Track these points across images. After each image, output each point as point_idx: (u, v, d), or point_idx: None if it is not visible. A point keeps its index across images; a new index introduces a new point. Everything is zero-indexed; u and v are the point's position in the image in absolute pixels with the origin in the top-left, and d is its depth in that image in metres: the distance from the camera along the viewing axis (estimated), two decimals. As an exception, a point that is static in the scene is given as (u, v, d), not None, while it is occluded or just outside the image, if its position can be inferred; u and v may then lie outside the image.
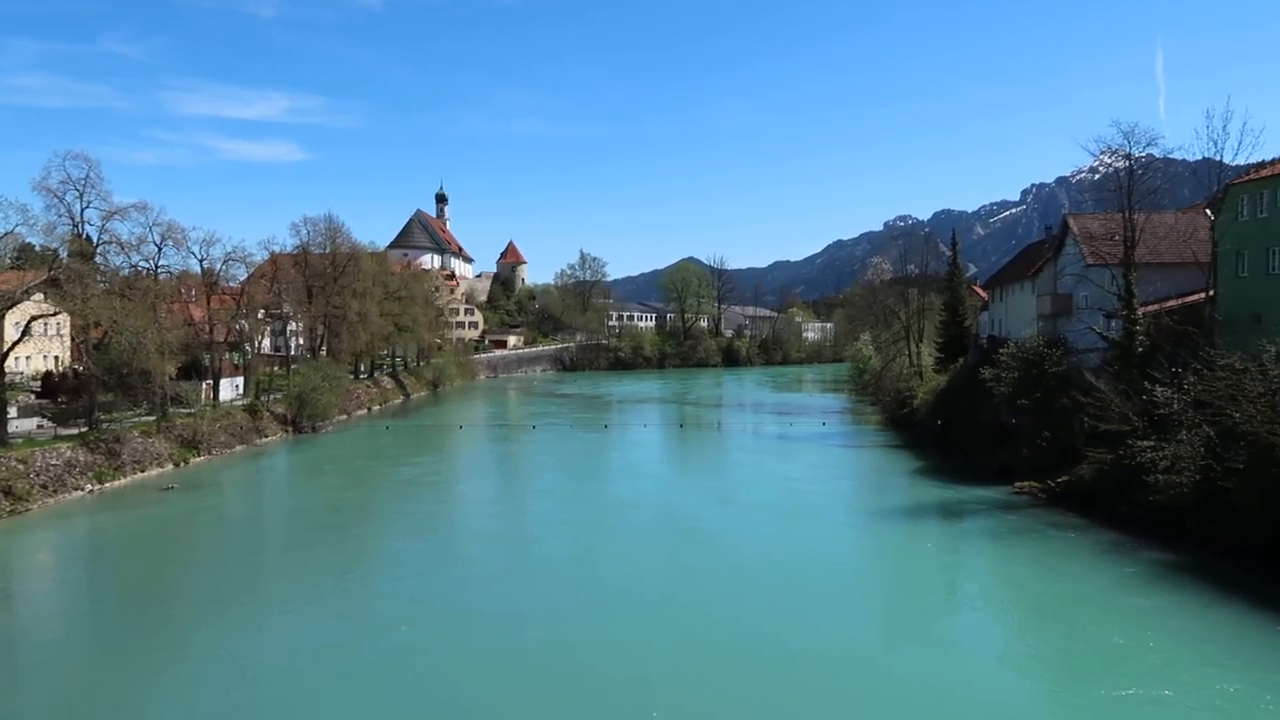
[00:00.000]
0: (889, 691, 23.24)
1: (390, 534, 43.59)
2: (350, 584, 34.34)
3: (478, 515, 48.65)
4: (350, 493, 53.40)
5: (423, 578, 34.67)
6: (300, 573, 36.08)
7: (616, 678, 24.33)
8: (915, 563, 37.10)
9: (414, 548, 40.03)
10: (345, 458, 66.60)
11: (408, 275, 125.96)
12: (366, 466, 63.07)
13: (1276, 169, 45.33)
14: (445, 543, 41.63)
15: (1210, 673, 23.53)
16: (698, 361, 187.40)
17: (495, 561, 37.24)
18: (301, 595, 32.76)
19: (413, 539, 41.89)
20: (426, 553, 39.06)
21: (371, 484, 56.64)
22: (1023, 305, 67.88)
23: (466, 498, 54.35)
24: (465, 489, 57.53)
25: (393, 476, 58.57)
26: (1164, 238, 52.16)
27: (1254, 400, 35.06)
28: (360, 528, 44.74)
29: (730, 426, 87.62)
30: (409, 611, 30.07)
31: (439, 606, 31.03)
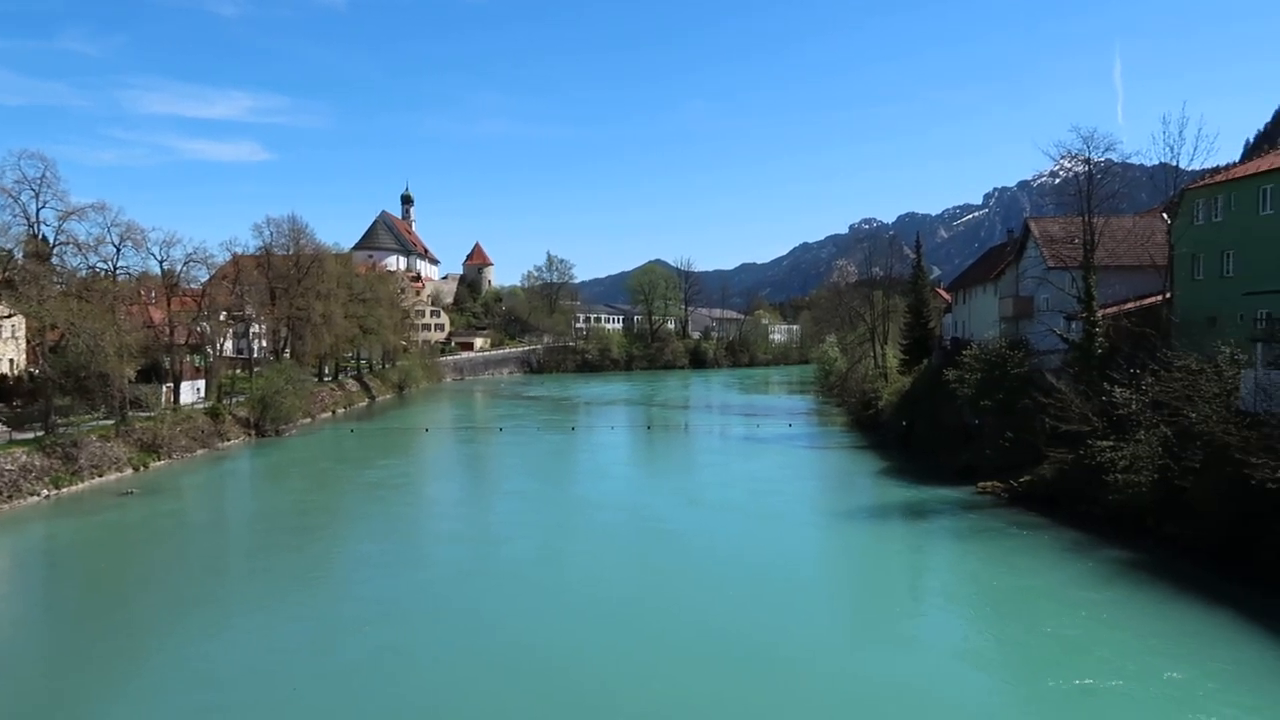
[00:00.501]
0: (853, 688, 23.54)
1: (356, 536, 43.25)
2: (316, 586, 34.05)
3: (444, 517, 48.37)
4: (315, 496, 52.85)
5: (389, 580, 34.44)
6: (265, 576, 35.64)
7: (583, 678, 24.34)
8: (880, 562, 37.48)
9: (380, 550, 39.73)
10: (309, 461, 65.90)
11: (373, 277, 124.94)
12: (331, 469, 62.47)
13: (1230, 175, 46.34)
14: (411, 545, 41.36)
15: (1157, 663, 24.25)
16: (665, 363, 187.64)
17: (462, 563, 37.21)
18: (266, 598, 32.39)
19: (379, 541, 41.60)
20: (393, 555, 38.81)
21: (336, 487, 56.11)
22: (985, 307, 68.77)
23: (433, 500, 53.99)
24: (431, 491, 57.15)
25: (358, 479, 58.08)
26: (1122, 241, 53.12)
27: (1209, 401, 35.82)
28: (325, 530, 44.30)
29: (697, 428, 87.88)
30: (375, 613, 29.91)
31: (405, 608, 30.86)
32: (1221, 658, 24.49)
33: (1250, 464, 31.04)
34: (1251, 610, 27.64)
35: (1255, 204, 42.13)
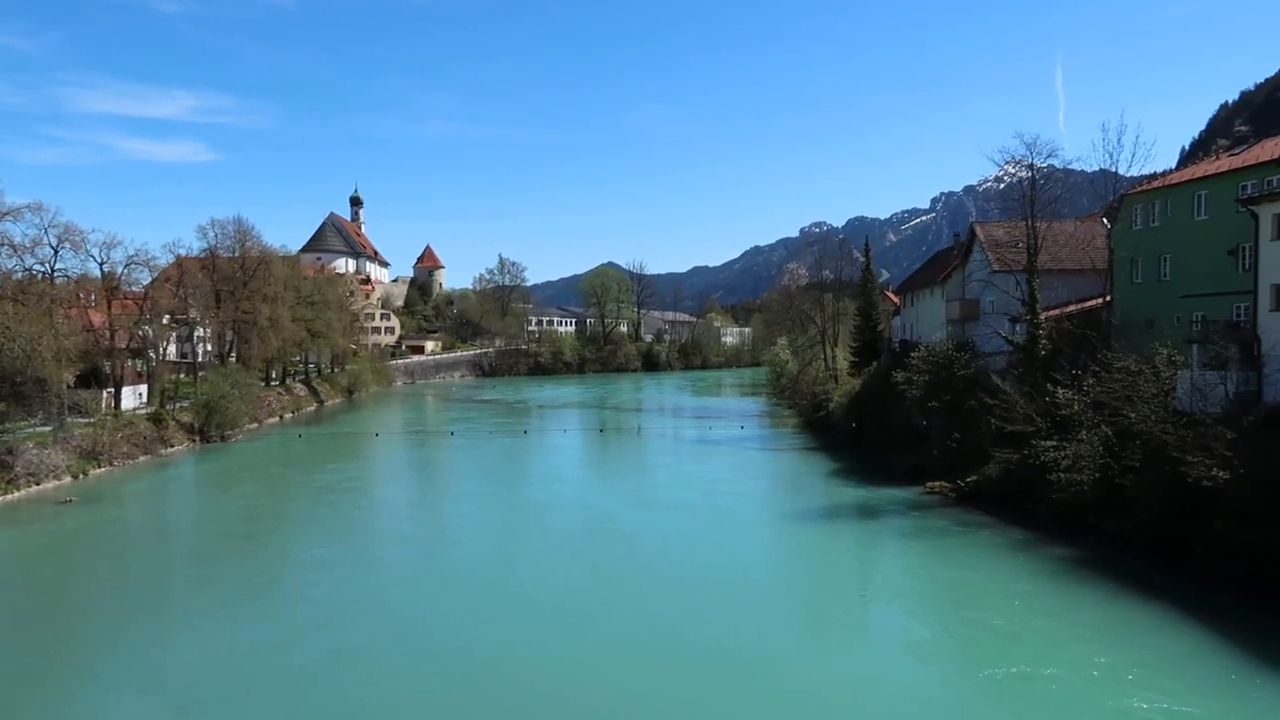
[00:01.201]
0: (803, 682, 23.95)
1: (307, 540, 42.76)
2: (267, 590, 33.77)
3: (396, 520, 48.05)
4: (263, 501, 51.99)
5: (342, 582, 34.24)
6: (214, 581, 34.99)
7: (534, 679, 24.37)
8: (830, 561, 37.97)
9: (331, 553, 39.36)
10: (257, 466, 64.77)
11: (321, 279, 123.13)
12: (279, 474, 61.46)
13: (1167, 181, 47.67)
14: (363, 548, 41.05)
15: (1089, 651, 25.20)
16: (618, 366, 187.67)
17: (414, 565, 37.10)
18: (216, 603, 31.90)
19: (330, 545, 41.18)
20: (344, 558, 38.50)
21: (285, 492, 55.23)
22: (933, 310, 69.89)
23: (384, 503, 53.47)
24: (383, 495, 56.54)
25: (307, 484, 57.23)
26: (1064, 245, 54.32)
27: (1147, 401, 36.80)
28: (275, 535, 43.74)
29: (650, 430, 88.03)
30: (328, 615, 29.83)
31: (358, 610, 30.73)
32: (1150, 646, 25.52)
33: (1186, 462, 31.95)
34: (1185, 603, 28.47)
35: (1190, 209, 43.39)
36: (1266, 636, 25.57)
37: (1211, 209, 42.13)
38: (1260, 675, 23.10)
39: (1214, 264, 41.15)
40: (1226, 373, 35.76)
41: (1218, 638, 25.72)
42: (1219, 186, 41.86)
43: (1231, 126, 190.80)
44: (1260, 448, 30.83)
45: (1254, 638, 25.46)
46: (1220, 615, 27.29)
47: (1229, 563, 30.47)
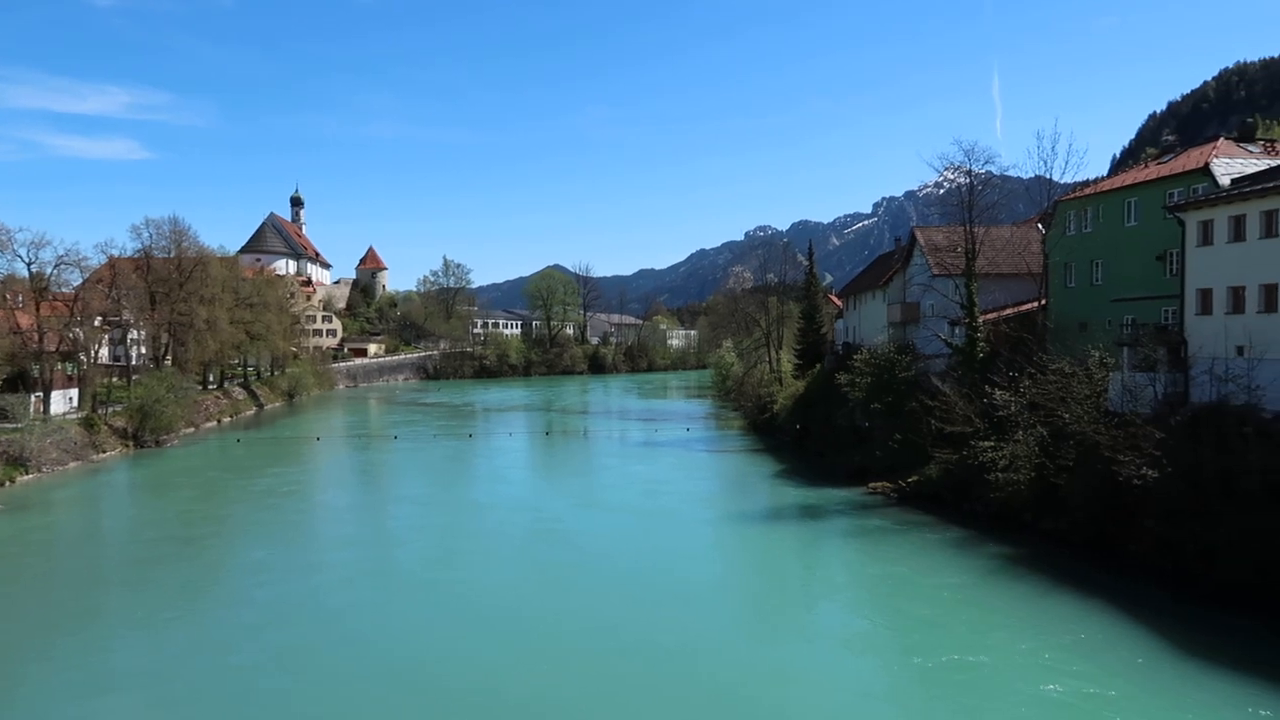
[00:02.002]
0: (743, 676, 24.71)
1: (247, 544, 42.22)
2: (208, 593, 33.49)
3: (337, 522, 47.67)
4: (201, 506, 50.90)
5: (281, 585, 34.05)
6: (152, 586, 34.37)
7: (474, 676, 24.63)
8: (773, 560, 38.51)
9: (273, 556, 39.06)
10: (194, 471, 63.29)
11: (260, 281, 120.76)
12: (218, 479, 60.12)
13: (1099, 188, 49.04)
14: (305, 550, 40.79)
15: (1011, 640, 26.81)
16: (564, 369, 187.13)
17: (355, 566, 37.08)
18: (155, 607, 31.48)
19: (271, 548, 40.77)
20: (286, 561, 38.30)
21: (224, 496, 54.08)
22: (875, 313, 70.96)
23: (325, 506, 52.92)
24: (324, 498, 55.84)
25: (247, 488, 56.08)
26: (1001, 250, 55.59)
27: (1081, 402, 37.81)
28: (215, 539, 43.08)
29: (596, 433, 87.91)
30: (270, 617, 29.80)
31: (297, 612, 30.70)
32: (1071, 635, 26.70)
33: (1118, 461, 32.91)
34: (1113, 596, 29.46)
35: (1121, 216, 44.71)
36: (1187, 625, 26.64)
37: (1141, 216, 43.45)
38: (1173, 660, 24.42)
39: (1144, 269, 42.45)
40: (1155, 374, 36.91)
41: (1138, 627, 26.81)
42: (1148, 194, 43.20)
43: (1160, 135, 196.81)
44: (1187, 447, 31.87)
45: (1174, 626, 26.55)
46: (1145, 607, 28.28)
47: (1158, 558, 31.47)
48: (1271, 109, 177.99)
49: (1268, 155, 42.34)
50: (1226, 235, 35.87)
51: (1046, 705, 22.15)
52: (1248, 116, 78.93)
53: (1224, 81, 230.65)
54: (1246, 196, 34.98)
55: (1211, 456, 30.90)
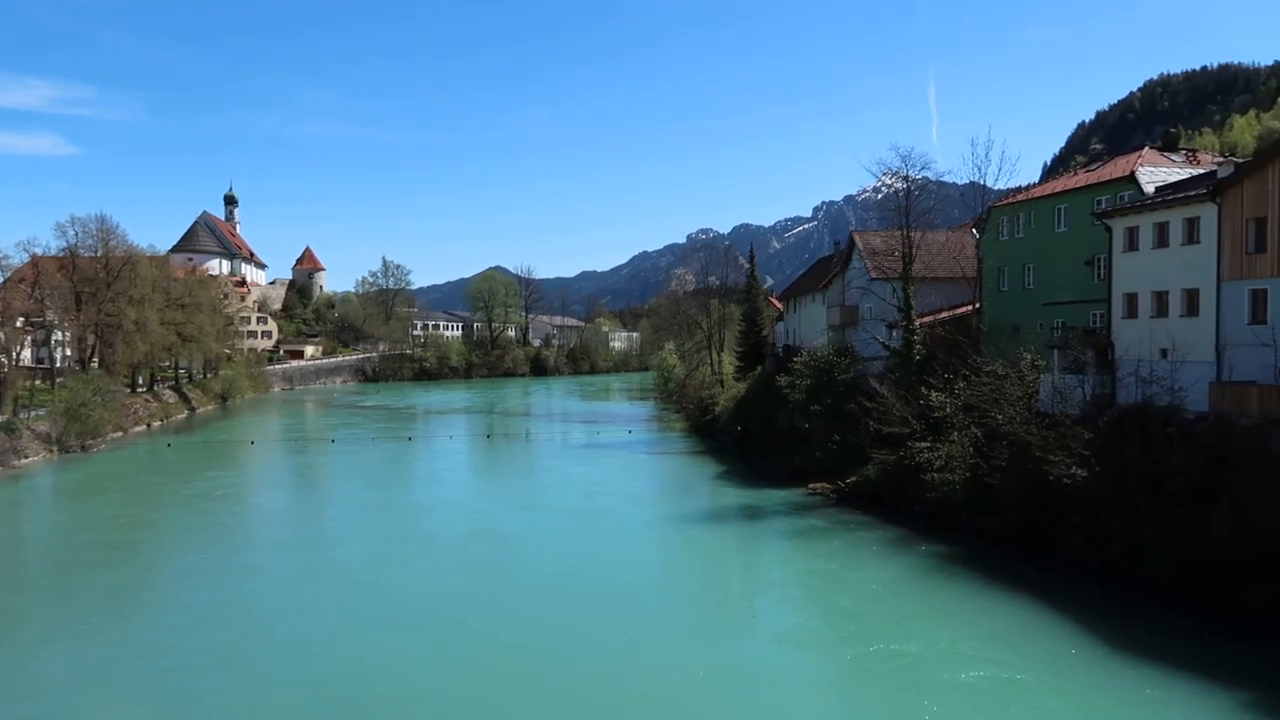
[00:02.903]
0: (681, 672, 25.15)
1: (180, 548, 41.43)
2: (140, 597, 33.13)
3: (272, 525, 47.11)
4: (131, 510, 49.58)
5: (214, 588, 33.69)
6: (82, 591, 33.59)
7: (406, 675, 24.64)
8: (712, 560, 38.89)
9: (206, 560, 38.56)
10: (123, 475, 61.53)
11: (192, 281, 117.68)
12: (148, 483, 58.60)
13: (1030, 194, 50.29)
14: (239, 553, 40.34)
15: (940, 632, 27.66)
16: (505, 371, 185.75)
17: (289, 568, 36.92)
18: (79, 612, 30.92)
19: (202, 552, 40.16)
20: (220, 564, 37.83)
21: (155, 501, 52.72)
22: (814, 316, 71.79)
23: (260, 509, 52.14)
24: (259, 501, 54.96)
25: (179, 492, 54.70)
26: (937, 254, 56.66)
27: (1013, 403, 38.68)
28: (144, 544, 42.16)
29: (538, 436, 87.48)
30: (198, 620, 29.51)
31: (230, 615, 30.49)
32: (998, 627, 27.85)
33: (1049, 461, 33.74)
34: (1041, 592, 30.28)
35: (1052, 222, 45.89)
36: (1111, 619, 27.51)
37: (1070, 222, 44.65)
38: (1093, 650, 25.42)
39: (1073, 274, 43.61)
40: (1084, 376, 37.96)
41: (1063, 621, 27.73)
42: (1077, 201, 44.41)
43: (1089, 144, 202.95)
44: (1113, 447, 32.81)
45: (1098, 620, 27.44)
46: (1072, 602, 29.13)
47: (1086, 555, 32.35)
48: (1193, 119, 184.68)
49: (1189, 164, 43.84)
50: (1151, 241, 37.03)
51: (965, 691, 23.21)
52: (1171, 126, 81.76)
53: (1149, 92, 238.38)
54: (1170, 204, 36.16)
55: (1136, 456, 31.85)
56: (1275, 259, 31.93)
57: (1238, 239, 33.24)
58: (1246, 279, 32.90)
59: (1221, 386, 32.58)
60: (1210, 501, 29.27)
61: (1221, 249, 33.77)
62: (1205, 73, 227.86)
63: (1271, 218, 32.13)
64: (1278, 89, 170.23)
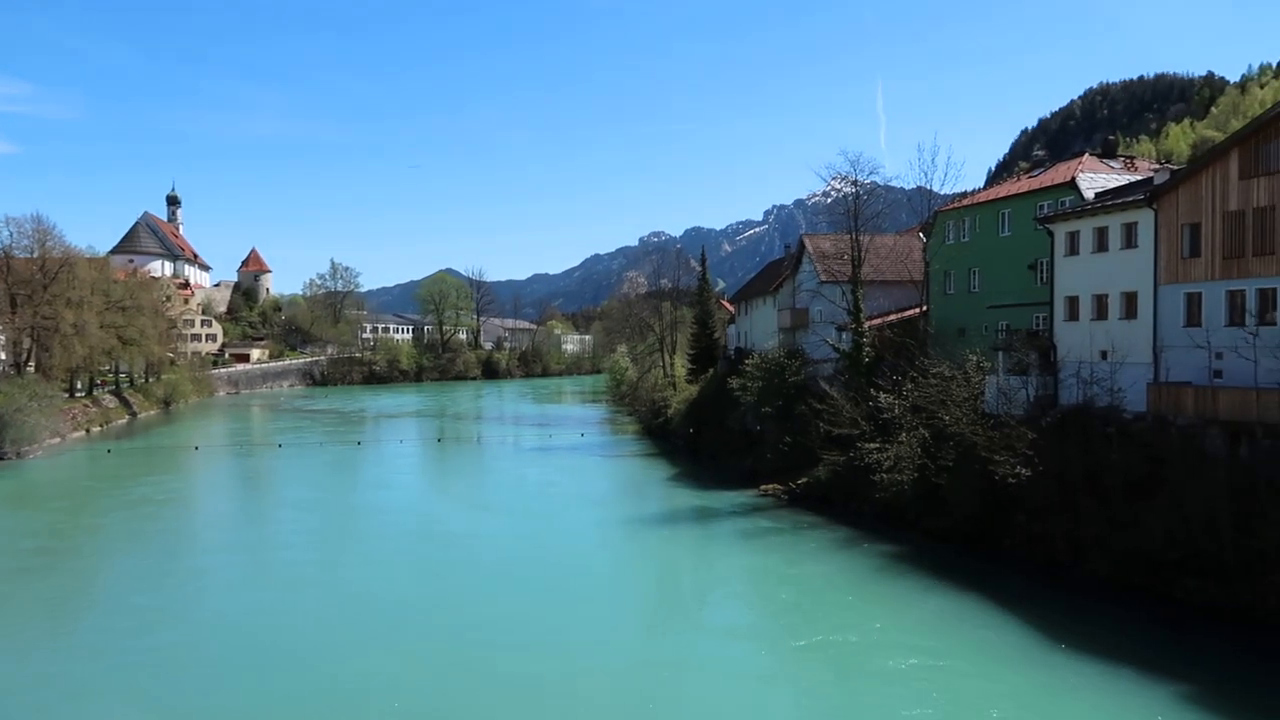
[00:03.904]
0: (630, 666, 25.89)
1: (122, 553, 40.97)
2: (78, 602, 32.84)
3: (217, 528, 46.79)
4: (71, 517, 48.59)
5: (159, 591, 33.54)
6: (15, 598, 33.10)
7: (353, 676, 24.89)
8: (666, 560, 39.19)
9: (149, 564, 38.17)
10: (61, 482, 59.96)
11: (134, 283, 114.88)
12: (89, 489, 57.28)
13: (975, 199, 51.24)
14: (182, 557, 40.11)
15: (882, 626, 28.69)
16: (456, 374, 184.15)
17: (235, 571, 36.83)
18: (18, 616, 30.59)
19: (147, 556, 39.81)
20: (162, 567, 37.54)
21: (95, 507, 51.57)
22: (765, 319, 72.30)
23: (204, 513, 51.60)
24: (203, 505, 54.33)
25: (121, 498, 53.48)
26: (885, 258, 57.40)
27: (959, 404, 39.34)
28: (87, 549, 41.79)
29: (490, 439, 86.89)
30: (143, 623, 29.40)
31: (175, 616, 30.44)
32: (939, 620, 28.78)
33: (994, 461, 34.40)
34: (985, 588, 31.03)
35: (996, 226, 46.79)
36: (1051, 612, 28.40)
37: (1014, 226, 45.57)
38: (1030, 640, 26.48)
39: (1017, 277, 44.51)
40: (1027, 378, 38.75)
41: (1000, 613, 28.66)
42: (1020, 206, 45.35)
43: (1031, 150, 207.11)
44: (1056, 447, 33.57)
45: (1038, 613, 28.31)
46: (1014, 597, 29.92)
47: (1030, 552, 33.04)
48: (1131, 127, 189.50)
49: (1127, 171, 45.03)
50: (1091, 246, 37.95)
51: (897, 676, 24.33)
52: (1110, 134, 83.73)
53: (1089, 101, 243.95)
54: (1109, 209, 37.10)
55: (1077, 456, 32.63)
56: (1209, 263, 32.95)
57: (1173, 244, 34.23)
58: (1182, 283, 33.89)
59: (1159, 387, 33.49)
60: (1147, 499, 30.10)
61: (1158, 253, 34.73)
62: (1142, 82, 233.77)
63: (1205, 223, 33.15)
64: (1211, 99, 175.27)
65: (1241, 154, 32.28)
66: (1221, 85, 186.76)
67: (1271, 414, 28.59)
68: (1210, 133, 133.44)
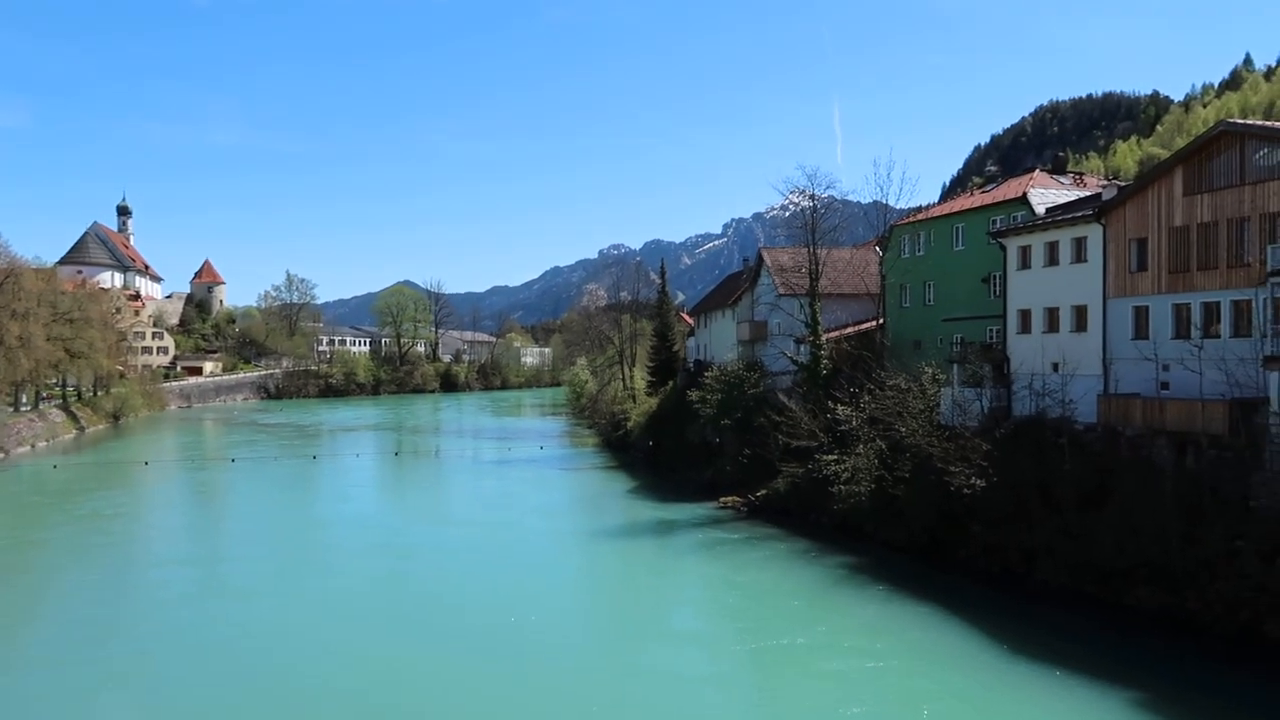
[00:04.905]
0: (593, 672, 26.45)
1: (70, 567, 40.12)
2: (25, 616, 32.54)
3: (168, 542, 46.49)
4: (16, 532, 47.50)
5: (109, 604, 33.37)
6: None
7: (306, 684, 25.02)
8: (622, 571, 39.41)
9: (98, 578, 37.70)
10: (6, 497, 58.67)
11: (82, 295, 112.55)
12: (35, 504, 56.20)
13: (929, 214, 52.00)
14: (132, 571, 39.86)
15: (830, 631, 29.50)
16: (415, 387, 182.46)
17: (186, 584, 36.60)
18: None
19: (96, 570, 39.18)
20: (112, 581, 37.30)
21: (43, 522, 50.45)
22: (725, 331, 72.59)
23: (155, 527, 50.98)
24: (153, 520, 53.42)
25: (69, 513, 52.37)
26: (842, 271, 58.00)
27: (915, 416, 39.81)
28: (34, 564, 41.22)
29: (448, 453, 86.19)
30: (92, 635, 29.21)
31: (126, 629, 30.26)
32: (880, 624, 29.61)
33: (949, 472, 34.82)
34: (938, 597, 31.43)
35: (950, 240, 47.52)
36: (998, 618, 28.97)
37: (968, 240, 46.31)
38: (964, 641, 27.28)
39: (971, 290, 45.20)
40: (982, 390, 39.33)
41: (950, 620, 29.16)
42: (973, 220, 46.10)
43: (984, 165, 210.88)
44: (1009, 457, 34.08)
45: (984, 619, 28.85)
46: (965, 604, 30.42)
47: (986, 562, 33.45)
48: (1080, 144, 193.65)
49: (1077, 187, 46.01)
50: (1042, 260, 38.67)
51: (838, 677, 25.32)
52: (1060, 150, 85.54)
53: (1040, 118, 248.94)
54: (1059, 224, 37.86)
55: (1030, 466, 33.15)
56: (1155, 278, 33.75)
57: (1121, 258, 35.01)
58: (1130, 296, 34.66)
59: (1108, 399, 34.16)
60: (1098, 509, 30.65)
61: (1107, 268, 35.50)
62: (1091, 100, 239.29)
63: (1151, 239, 33.96)
64: (1156, 117, 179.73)
65: (1185, 171, 33.15)
66: (1166, 104, 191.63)
67: (1216, 425, 29.29)
68: (1156, 150, 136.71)
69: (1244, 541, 26.25)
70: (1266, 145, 30.68)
